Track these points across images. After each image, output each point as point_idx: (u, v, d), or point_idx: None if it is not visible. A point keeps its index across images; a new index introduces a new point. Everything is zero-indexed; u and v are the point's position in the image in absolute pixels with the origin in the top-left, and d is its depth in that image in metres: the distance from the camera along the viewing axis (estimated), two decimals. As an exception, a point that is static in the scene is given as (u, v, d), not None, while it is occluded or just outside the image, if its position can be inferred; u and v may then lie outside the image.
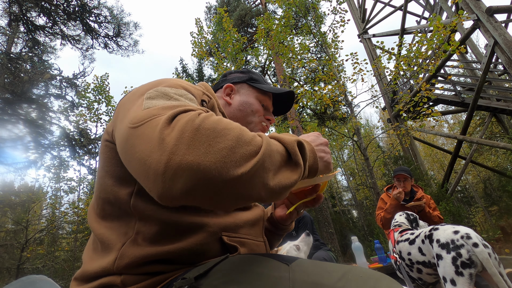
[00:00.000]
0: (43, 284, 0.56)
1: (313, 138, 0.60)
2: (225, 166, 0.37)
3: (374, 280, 0.42)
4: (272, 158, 0.43)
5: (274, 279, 0.44)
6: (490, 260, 1.39)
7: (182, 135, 0.38)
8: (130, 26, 7.97)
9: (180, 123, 0.40)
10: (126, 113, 0.50)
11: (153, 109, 0.46)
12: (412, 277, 1.79)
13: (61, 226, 8.05)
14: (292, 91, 0.88)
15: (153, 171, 0.38)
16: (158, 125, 0.40)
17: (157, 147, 0.38)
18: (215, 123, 0.41)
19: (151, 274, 0.50)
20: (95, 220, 0.58)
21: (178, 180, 0.36)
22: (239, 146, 0.40)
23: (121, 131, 0.47)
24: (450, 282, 1.45)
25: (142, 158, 0.39)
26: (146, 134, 0.41)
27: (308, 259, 0.49)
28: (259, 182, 0.41)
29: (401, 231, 1.96)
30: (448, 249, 1.51)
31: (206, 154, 0.37)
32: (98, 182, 0.58)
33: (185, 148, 0.37)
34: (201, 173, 0.36)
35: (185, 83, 0.60)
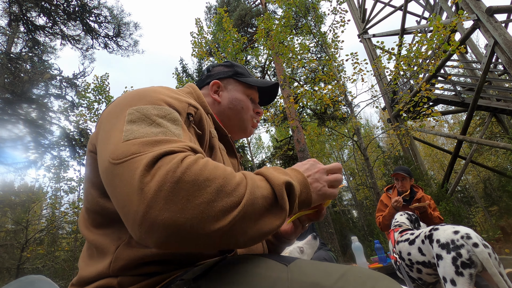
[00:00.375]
0: (41, 284, 0.56)
1: (308, 166, 0.58)
2: (202, 221, 0.38)
3: (373, 280, 0.42)
4: (255, 206, 0.42)
5: (272, 279, 0.44)
6: (490, 260, 1.39)
7: (161, 187, 0.38)
8: (130, 26, 7.97)
9: (160, 173, 0.39)
10: (107, 134, 0.49)
11: (133, 143, 0.44)
12: (412, 277, 1.79)
13: (61, 226, 8.05)
14: (277, 83, 0.89)
15: (131, 218, 0.39)
16: (138, 169, 0.40)
17: (136, 196, 0.38)
18: (197, 174, 0.40)
19: (148, 275, 0.50)
20: (88, 229, 0.57)
21: (153, 234, 0.37)
22: (219, 199, 0.39)
23: (102, 161, 0.47)
24: (450, 282, 1.45)
25: (121, 201, 0.40)
26: (126, 178, 0.40)
27: (306, 260, 0.49)
28: (237, 232, 0.41)
29: (401, 231, 1.96)
30: (448, 249, 1.51)
31: (182, 210, 0.37)
32: (85, 194, 0.58)
33: (162, 203, 0.37)
34: (176, 229, 0.37)
35: (169, 96, 0.57)
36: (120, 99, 0.56)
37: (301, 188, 0.52)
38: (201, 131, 0.61)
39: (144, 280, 0.49)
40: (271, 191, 0.46)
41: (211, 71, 0.88)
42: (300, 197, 0.51)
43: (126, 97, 0.56)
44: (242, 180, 0.44)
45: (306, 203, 0.53)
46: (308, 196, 0.53)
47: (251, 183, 0.44)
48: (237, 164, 0.78)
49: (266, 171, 0.50)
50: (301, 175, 0.54)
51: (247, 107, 0.83)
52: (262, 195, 0.44)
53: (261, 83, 0.86)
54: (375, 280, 0.42)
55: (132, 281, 0.49)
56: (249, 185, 0.43)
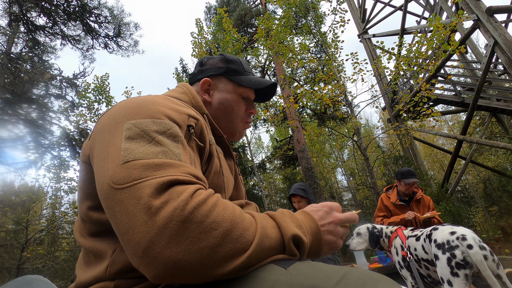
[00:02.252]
0: (39, 284, 0.56)
1: (322, 214, 0.55)
2: (202, 265, 0.37)
3: (373, 282, 0.42)
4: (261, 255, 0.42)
5: (271, 282, 0.43)
6: (485, 262, 1.39)
7: (167, 224, 0.37)
8: (131, 26, 7.97)
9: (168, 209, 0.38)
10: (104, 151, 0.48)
11: (134, 166, 0.43)
12: (421, 274, 1.78)
13: (61, 226, 8.06)
14: (275, 83, 0.84)
15: (131, 248, 0.38)
16: (142, 199, 0.39)
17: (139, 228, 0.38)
18: (204, 216, 0.39)
19: (145, 278, 0.50)
20: (83, 237, 0.57)
21: (152, 269, 0.37)
22: (224, 244, 0.38)
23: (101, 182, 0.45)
24: (447, 283, 1.46)
25: (122, 229, 0.40)
26: (128, 206, 0.39)
27: (306, 262, 0.49)
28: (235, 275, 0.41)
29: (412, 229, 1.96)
30: (443, 249, 1.52)
31: (185, 252, 0.37)
32: (80, 205, 0.57)
33: (166, 241, 0.36)
34: (175, 269, 0.37)
35: (169, 108, 0.55)
36: (116, 110, 0.54)
37: (313, 239, 0.50)
38: (203, 143, 0.59)
39: (140, 282, 0.49)
40: (281, 242, 0.45)
41: (203, 66, 0.83)
42: (310, 249, 0.50)
43: (123, 108, 0.53)
44: (251, 225, 0.43)
45: (315, 255, 0.52)
46: (318, 249, 0.51)
47: (261, 232, 0.43)
48: (233, 165, 0.76)
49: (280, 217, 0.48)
50: (315, 225, 0.51)
51: (238, 109, 0.79)
52: (270, 246, 0.43)
53: (255, 84, 0.80)
54: (375, 282, 0.42)
55: (128, 284, 0.49)
56: (258, 233, 0.42)
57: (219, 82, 0.80)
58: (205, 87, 0.79)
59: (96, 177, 0.48)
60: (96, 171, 0.49)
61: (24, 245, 6.01)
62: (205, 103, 0.78)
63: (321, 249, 0.52)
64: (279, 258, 0.45)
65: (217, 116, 0.78)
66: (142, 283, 0.49)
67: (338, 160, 18.46)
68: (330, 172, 17.36)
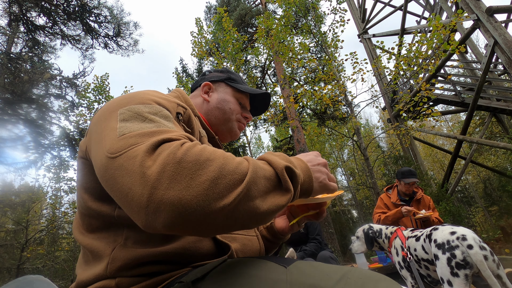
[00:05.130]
0: (40, 284, 0.56)
1: (311, 157, 0.59)
2: (207, 199, 0.38)
3: (373, 281, 0.42)
4: (259, 185, 0.43)
5: (271, 281, 0.43)
6: (485, 262, 1.39)
7: (164, 168, 0.38)
8: (130, 25, 7.97)
9: (162, 156, 0.39)
10: (100, 136, 0.49)
11: (130, 136, 0.45)
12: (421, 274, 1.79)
13: (61, 226, 8.05)
14: (268, 93, 0.90)
15: (135, 204, 0.38)
16: (138, 156, 0.40)
17: (139, 181, 0.38)
18: (197, 154, 0.40)
19: (147, 275, 0.50)
20: (82, 234, 0.57)
21: (160, 215, 0.37)
22: (222, 176, 0.40)
23: (99, 159, 0.46)
24: (447, 283, 1.46)
25: (123, 191, 0.40)
26: (126, 167, 0.40)
27: (306, 261, 0.49)
28: (242, 210, 0.41)
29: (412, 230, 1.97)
30: (443, 249, 1.52)
31: (187, 188, 0.37)
32: (79, 200, 0.58)
33: (167, 183, 0.37)
34: (182, 207, 0.37)
35: (158, 97, 0.58)
36: (109, 103, 0.56)
37: (304, 177, 0.52)
38: (191, 129, 0.63)
39: (142, 281, 0.49)
40: (274, 174, 0.46)
41: (206, 75, 0.90)
42: (302, 185, 0.51)
43: (115, 100, 0.56)
44: (243, 160, 0.44)
45: (307, 192, 0.53)
46: (310, 185, 0.53)
47: (253, 164, 0.44)
48: None
49: (269, 156, 0.50)
50: (304, 164, 0.54)
51: (234, 109, 0.84)
52: (264, 176, 0.45)
53: (251, 90, 0.87)
54: (375, 282, 0.42)
55: (131, 282, 0.49)
56: (251, 165, 0.44)
57: (218, 86, 0.87)
58: (205, 89, 0.85)
59: (94, 161, 0.49)
60: (94, 155, 0.49)
61: (24, 245, 6.01)
62: (203, 102, 0.83)
63: (313, 186, 0.53)
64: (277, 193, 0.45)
65: (215, 114, 0.82)
66: (144, 281, 0.49)
67: (338, 160, 18.47)
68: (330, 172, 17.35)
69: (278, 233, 0.74)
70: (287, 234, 0.75)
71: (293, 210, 0.71)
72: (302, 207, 0.68)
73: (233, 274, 0.46)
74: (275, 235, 0.75)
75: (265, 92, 0.88)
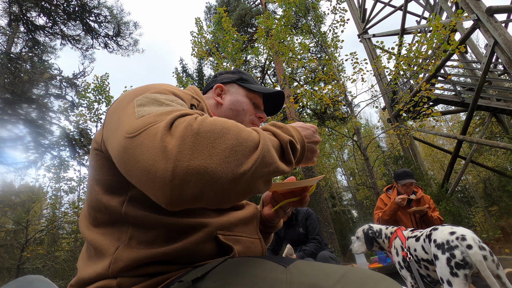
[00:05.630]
0: (40, 284, 0.56)
1: (309, 134, 0.61)
2: (229, 166, 0.39)
3: (373, 281, 0.42)
4: (270, 152, 0.46)
5: (271, 281, 0.43)
6: (484, 263, 1.39)
7: (184, 141, 0.39)
8: (130, 25, 7.97)
9: (180, 129, 0.40)
10: (118, 122, 0.49)
11: (148, 117, 0.45)
12: (421, 274, 1.79)
13: (61, 226, 8.06)
14: (282, 91, 0.88)
15: (159, 180, 0.38)
16: (158, 133, 0.40)
17: (161, 156, 0.38)
18: (213, 125, 0.42)
19: (148, 276, 0.50)
20: (87, 228, 0.57)
21: (188, 186, 0.37)
22: (239, 144, 0.41)
23: (117, 141, 0.46)
24: (447, 283, 1.46)
25: (145, 168, 0.39)
26: (146, 144, 0.41)
27: (306, 261, 0.49)
28: (259, 176, 0.43)
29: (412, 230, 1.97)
30: (443, 249, 1.52)
31: (210, 156, 0.38)
32: (89, 191, 0.58)
33: (189, 154, 0.38)
34: (209, 175, 0.37)
35: (174, 88, 0.60)
36: (125, 94, 0.57)
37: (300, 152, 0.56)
38: None
39: (143, 281, 0.49)
40: (279, 145, 0.50)
41: (217, 77, 0.89)
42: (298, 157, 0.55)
43: (131, 91, 0.57)
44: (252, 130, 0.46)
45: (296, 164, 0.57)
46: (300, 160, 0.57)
47: (262, 134, 0.47)
48: None
49: (273, 128, 0.53)
50: (302, 140, 0.57)
51: (248, 109, 0.83)
52: (272, 145, 0.48)
53: (264, 89, 0.85)
54: (376, 281, 0.42)
55: (132, 282, 0.49)
56: (261, 134, 0.46)
57: (231, 88, 0.85)
58: (218, 91, 0.84)
59: (111, 147, 0.49)
60: (111, 142, 0.49)
61: (24, 245, 6.01)
62: (217, 105, 0.82)
63: (301, 161, 0.58)
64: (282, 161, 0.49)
65: (227, 115, 0.81)
66: (145, 281, 0.49)
67: (338, 160, 18.46)
68: (330, 172, 17.36)
69: (266, 220, 0.75)
70: (274, 221, 0.75)
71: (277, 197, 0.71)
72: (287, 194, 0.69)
73: (233, 274, 0.46)
74: (264, 223, 0.75)
75: (278, 90, 0.86)
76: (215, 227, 0.57)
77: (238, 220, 0.63)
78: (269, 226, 0.76)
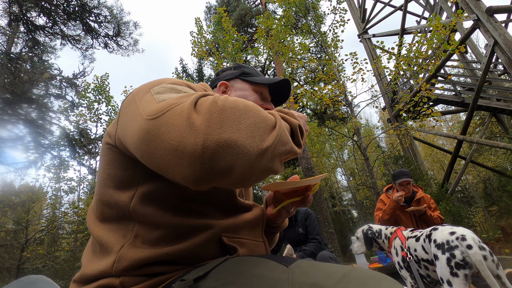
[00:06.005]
0: (42, 284, 0.56)
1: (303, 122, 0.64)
2: (254, 140, 0.41)
3: (375, 281, 0.42)
4: (286, 132, 0.49)
5: (273, 280, 0.44)
6: (484, 263, 1.39)
7: (211, 116, 0.39)
8: (130, 25, 7.97)
9: (205, 106, 0.41)
10: (135, 111, 0.48)
11: (170, 100, 0.45)
12: (421, 274, 1.79)
13: (61, 226, 8.05)
14: (287, 79, 0.86)
15: (188, 156, 0.38)
16: (183, 111, 0.41)
17: (189, 132, 0.38)
18: (236, 102, 0.43)
19: (150, 276, 0.50)
20: (94, 223, 0.58)
21: (219, 158, 0.37)
22: (261, 121, 0.43)
23: (137, 126, 0.45)
24: (447, 283, 1.46)
25: (171, 146, 0.39)
26: (171, 122, 0.40)
27: (307, 260, 0.49)
28: (278, 154, 0.45)
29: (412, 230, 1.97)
30: (443, 249, 1.52)
31: (238, 131, 0.39)
32: (99, 185, 0.58)
33: (218, 128, 0.38)
34: (239, 148, 0.38)
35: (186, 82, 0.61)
36: (139, 87, 0.57)
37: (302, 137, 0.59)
38: None
39: (146, 280, 0.49)
40: (290, 128, 0.54)
41: (220, 75, 0.88)
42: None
43: (146, 83, 0.57)
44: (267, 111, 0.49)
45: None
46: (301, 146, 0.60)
47: (277, 115, 0.49)
48: None
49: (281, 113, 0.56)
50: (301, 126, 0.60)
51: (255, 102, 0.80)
52: (286, 128, 0.52)
53: (268, 80, 0.83)
54: (377, 281, 0.42)
55: (134, 282, 0.49)
56: (276, 116, 0.49)
57: (235, 83, 0.84)
58: (222, 89, 0.83)
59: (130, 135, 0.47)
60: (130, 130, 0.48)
61: (24, 245, 6.01)
62: None
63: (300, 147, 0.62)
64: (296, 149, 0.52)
65: None
66: (148, 280, 0.49)
67: (338, 160, 18.46)
68: (330, 172, 17.35)
69: (269, 221, 0.75)
70: (278, 222, 0.75)
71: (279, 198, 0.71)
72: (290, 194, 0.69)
73: (235, 273, 0.46)
74: (268, 224, 0.75)
75: (283, 79, 0.84)
76: (220, 229, 0.57)
77: (244, 223, 0.63)
78: (273, 227, 0.76)
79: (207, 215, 0.57)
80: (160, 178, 0.54)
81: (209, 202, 0.58)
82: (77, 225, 7.65)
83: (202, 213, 0.57)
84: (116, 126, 0.56)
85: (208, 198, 0.58)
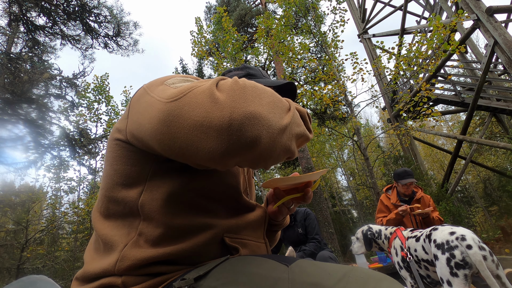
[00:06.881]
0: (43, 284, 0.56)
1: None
2: (275, 116, 0.42)
3: (375, 280, 0.42)
4: (298, 116, 0.50)
5: (273, 280, 0.44)
6: (484, 263, 1.39)
7: (234, 92, 0.40)
8: (130, 25, 7.97)
9: (227, 85, 0.42)
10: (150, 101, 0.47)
11: (189, 84, 0.45)
12: (421, 274, 1.79)
13: (61, 226, 8.06)
14: (292, 83, 0.86)
15: (215, 129, 0.38)
16: (206, 90, 0.41)
17: (214, 107, 0.39)
18: (255, 83, 0.44)
19: (152, 275, 0.50)
20: (99, 219, 0.57)
21: (246, 129, 0.38)
22: (278, 101, 0.45)
23: (156, 111, 0.44)
24: (447, 283, 1.46)
25: (196, 122, 0.39)
26: (195, 101, 0.40)
27: (307, 260, 0.49)
28: (294, 134, 0.46)
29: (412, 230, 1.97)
30: (443, 249, 1.52)
31: (261, 105, 0.41)
32: (105, 181, 0.58)
33: (242, 102, 0.39)
34: (264, 120, 0.39)
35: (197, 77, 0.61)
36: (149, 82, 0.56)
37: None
38: None
39: (148, 280, 0.49)
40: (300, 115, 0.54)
41: (226, 75, 0.88)
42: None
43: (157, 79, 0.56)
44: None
45: None
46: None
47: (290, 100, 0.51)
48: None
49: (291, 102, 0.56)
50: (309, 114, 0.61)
51: None
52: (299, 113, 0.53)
53: (273, 83, 0.82)
54: (377, 281, 0.42)
55: (136, 281, 0.49)
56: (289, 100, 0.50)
57: None
58: None
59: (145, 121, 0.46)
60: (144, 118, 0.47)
61: (24, 245, 6.01)
62: None
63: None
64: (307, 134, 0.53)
65: None
66: (150, 280, 0.49)
67: (338, 160, 18.46)
68: (330, 172, 17.35)
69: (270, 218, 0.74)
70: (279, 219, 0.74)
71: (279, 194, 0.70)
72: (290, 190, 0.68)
73: (235, 272, 0.47)
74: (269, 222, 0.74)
75: (288, 82, 0.84)
76: (223, 229, 0.57)
77: (247, 223, 0.63)
78: (274, 225, 0.76)
79: (212, 212, 0.57)
80: (168, 174, 0.54)
81: (215, 198, 0.58)
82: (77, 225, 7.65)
83: (208, 210, 0.57)
84: (126, 120, 0.56)
85: (216, 194, 0.58)
